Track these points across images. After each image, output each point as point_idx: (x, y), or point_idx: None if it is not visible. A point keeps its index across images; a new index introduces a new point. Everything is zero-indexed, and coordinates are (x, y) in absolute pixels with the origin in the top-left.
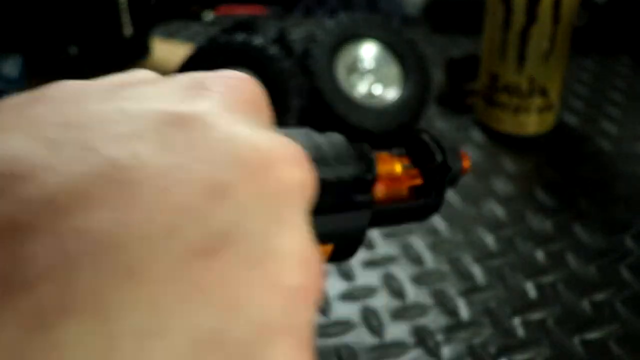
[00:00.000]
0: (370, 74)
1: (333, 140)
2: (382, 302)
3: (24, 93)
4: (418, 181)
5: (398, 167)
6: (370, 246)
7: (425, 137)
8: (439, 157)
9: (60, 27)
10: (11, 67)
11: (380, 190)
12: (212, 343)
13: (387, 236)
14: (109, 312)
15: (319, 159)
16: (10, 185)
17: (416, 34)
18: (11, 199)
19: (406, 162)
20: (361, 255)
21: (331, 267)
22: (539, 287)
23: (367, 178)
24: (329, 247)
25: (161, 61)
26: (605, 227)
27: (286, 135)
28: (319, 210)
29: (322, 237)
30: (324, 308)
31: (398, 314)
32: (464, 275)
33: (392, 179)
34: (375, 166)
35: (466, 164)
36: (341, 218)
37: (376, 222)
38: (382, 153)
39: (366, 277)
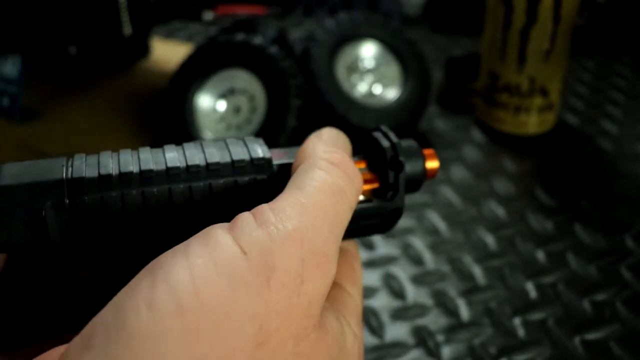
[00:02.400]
0: (370, 73)
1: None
2: (382, 302)
3: None
4: (373, 184)
5: None
6: (371, 246)
7: (377, 134)
8: (389, 154)
9: (60, 26)
10: (10, 67)
11: None
12: None
13: (387, 236)
14: None
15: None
16: None
17: (416, 34)
18: None
19: (362, 166)
20: (362, 255)
21: None
22: (540, 288)
23: None
24: None
25: (161, 61)
26: (606, 227)
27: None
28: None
29: None
30: None
31: (398, 315)
32: (464, 276)
33: None
34: None
35: (432, 164)
36: None
37: None
38: None
39: (366, 278)
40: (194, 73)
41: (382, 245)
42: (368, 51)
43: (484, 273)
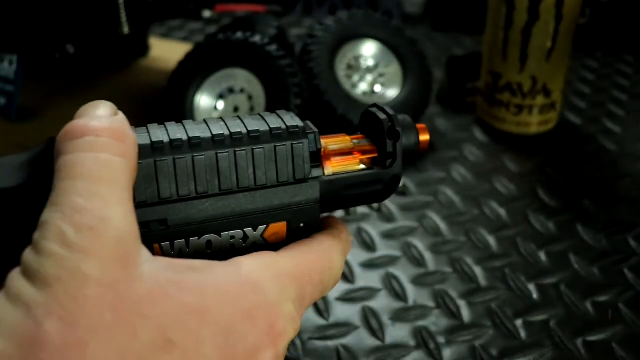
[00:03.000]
0: (370, 72)
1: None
2: (382, 303)
3: None
4: (372, 154)
5: (348, 141)
6: (371, 247)
7: (374, 109)
8: (386, 124)
9: (57, 25)
10: (7, 66)
11: (331, 164)
12: None
13: (387, 237)
14: None
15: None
16: None
17: (417, 33)
18: None
19: (360, 138)
20: (362, 256)
21: None
22: (542, 289)
23: (310, 150)
24: (282, 225)
25: (159, 60)
26: (608, 228)
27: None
28: (262, 186)
29: (272, 212)
30: (324, 310)
31: (399, 316)
32: (466, 277)
33: (344, 153)
34: (318, 139)
35: (424, 137)
36: (288, 190)
37: (332, 197)
38: (337, 134)
39: (367, 279)
40: (192, 72)
41: (383, 246)
42: (368, 50)
43: (485, 274)
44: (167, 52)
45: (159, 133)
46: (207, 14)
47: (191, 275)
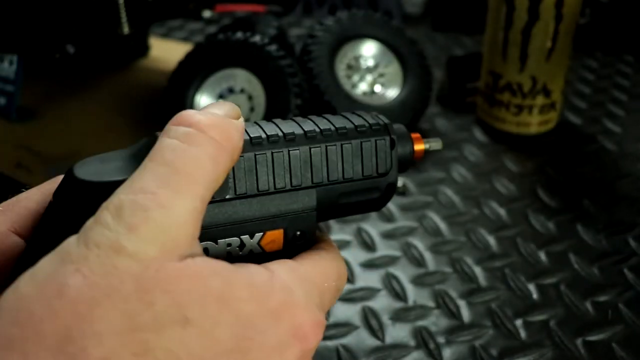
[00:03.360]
0: (370, 72)
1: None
2: (382, 303)
3: None
4: None
5: None
6: (371, 247)
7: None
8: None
9: (58, 26)
10: (7, 67)
11: None
12: None
13: (387, 237)
14: None
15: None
16: None
17: (417, 33)
18: None
19: None
20: (362, 256)
21: None
22: (542, 289)
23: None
24: (278, 233)
25: (159, 60)
26: (608, 228)
27: None
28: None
29: (268, 219)
30: None
31: (399, 316)
32: (466, 277)
33: None
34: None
35: (418, 146)
36: (285, 197)
37: (328, 205)
38: None
39: (367, 279)
40: (192, 72)
41: (383, 246)
42: (368, 50)
43: (485, 274)
44: (167, 52)
45: (255, 129)
46: (207, 14)
47: (226, 266)
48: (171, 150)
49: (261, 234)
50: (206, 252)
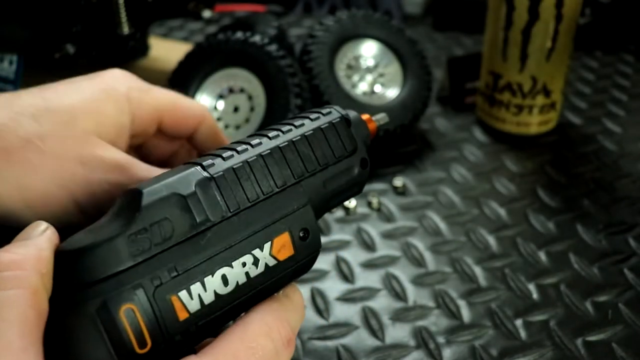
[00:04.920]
0: (370, 72)
1: None
2: (382, 303)
3: None
4: None
5: None
6: (371, 247)
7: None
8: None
9: (57, 25)
10: (7, 67)
11: None
12: None
13: (387, 237)
14: None
15: None
16: None
17: (417, 33)
18: None
19: None
20: (362, 256)
21: (332, 268)
22: (542, 289)
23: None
24: (285, 237)
25: (159, 60)
26: (608, 228)
27: None
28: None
29: (270, 226)
30: (324, 310)
31: (399, 316)
32: (466, 277)
33: None
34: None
35: (371, 125)
36: (278, 200)
37: (317, 194)
38: None
39: (367, 279)
40: (192, 72)
41: (383, 246)
42: (368, 50)
43: (485, 274)
44: (167, 52)
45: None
46: (207, 14)
47: None
48: None
49: (269, 243)
50: (225, 280)
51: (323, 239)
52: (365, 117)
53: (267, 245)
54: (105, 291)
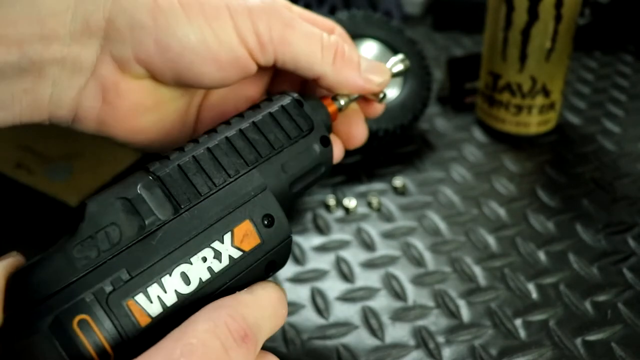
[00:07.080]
0: None
1: None
2: (382, 303)
3: None
4: None
5: None
6: (371, 247)
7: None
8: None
9: None
10: None
11: None
12: None
13: (387, 237)
14: None
15: None
16: None
17: (417, 33)
18: None
19: None
20: (362, 256)
21: (332, 268)
22: (541, 288)
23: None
24: (246, 224)
25: None
26: (608, 228)
27: None
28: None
29: (227, 216)
30: (324, 309)
31: (398, 315)
32: (465, 276)
33: None
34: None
35: (331, 108)
36: (230, 190)
37: (276, 178)
38: None
39: (366, 278)
40: None
41: (383, 246)
42: (368, 50)
43: (484, 274)
44: None
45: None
46: None
47: None
48: None
49: (229, 233)
50: (185, 279)
51: (323, 239)
52: (326, 101)
53: (227, 236)
54: (56, 306)
